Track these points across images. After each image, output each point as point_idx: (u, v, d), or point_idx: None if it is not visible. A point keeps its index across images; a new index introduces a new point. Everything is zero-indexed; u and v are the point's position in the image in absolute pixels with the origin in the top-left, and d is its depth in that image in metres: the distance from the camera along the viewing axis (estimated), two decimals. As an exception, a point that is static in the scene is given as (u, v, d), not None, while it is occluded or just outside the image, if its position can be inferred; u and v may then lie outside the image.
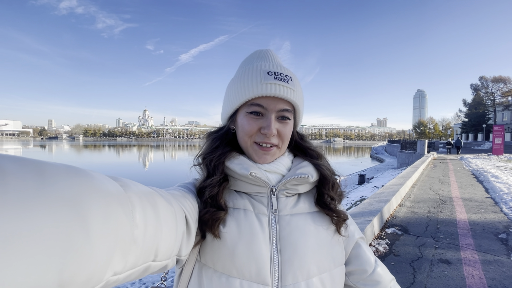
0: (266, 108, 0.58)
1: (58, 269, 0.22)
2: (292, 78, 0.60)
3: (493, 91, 51.97)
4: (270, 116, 0.58)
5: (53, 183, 0.24)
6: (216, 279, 0.53)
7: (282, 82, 0.57)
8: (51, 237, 0.22)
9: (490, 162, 13.38)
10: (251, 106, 0.58)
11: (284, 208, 0.59)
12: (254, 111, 0.58)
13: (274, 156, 0.61)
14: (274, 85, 0.57)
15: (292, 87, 0.59)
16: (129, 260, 0.31)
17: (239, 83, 0.59)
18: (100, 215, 0.26)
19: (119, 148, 77.34)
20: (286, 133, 0.60)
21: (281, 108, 0.58)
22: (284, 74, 0.59)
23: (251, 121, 0.58)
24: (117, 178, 0.34)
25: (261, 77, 0.57)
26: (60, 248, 0.22)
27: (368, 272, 0.64)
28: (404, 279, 2.70)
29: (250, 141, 0.59)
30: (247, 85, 0.58)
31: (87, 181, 0.27)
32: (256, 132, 0.59)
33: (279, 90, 0.57)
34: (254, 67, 0.60)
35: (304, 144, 0.69)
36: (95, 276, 0.26)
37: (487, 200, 5.90)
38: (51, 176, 0.24)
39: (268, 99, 0.57)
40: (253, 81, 0.57)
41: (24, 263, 0.20)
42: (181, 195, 0.51)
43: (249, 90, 0.57)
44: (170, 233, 0.39)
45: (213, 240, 0.55)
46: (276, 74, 0.58)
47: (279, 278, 0.53)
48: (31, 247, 0.20)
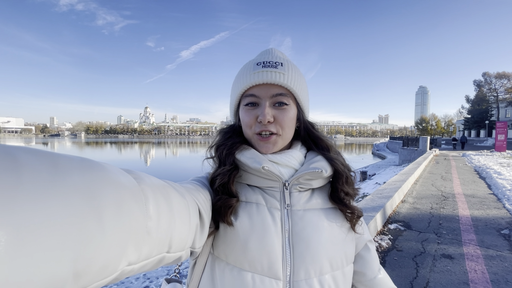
0: (259, 96, 0.58)
1: (72, 258, 0.22)
2: (284, 64, 0.60)
3: (496, 87, 51.56)
4: (264, 103, 0.58)
5: (67, 174, 0.24)
6: (228, 272, 0.54)
7: (270, 68, 0.58)
8: (65, 228, 0.22)
9: (493, 158, 13.30)
10: (246, 97, 0.60)
11: (297, 203, 0.58)
12: (249, 102, 0.59)
13: (276, 145, 0.60)
14: (262, 73, 0.58)
15: (282, 71, 0.59)
16: (143, 251, 0.32)
17: (236, 79, 0.63)
18: (113, 206, 0.27)
19: (121, 145, 77.52)
20: (284, 119, 0.59)
21: (274, 93, 0.58)
22: (274, 61, 0.59)
23: (247, 112, 0.60)
24: (130, 171, 0.35)
25: (251, 68, 0.59)
26: (74, 238, 0.22)
27: (368, 276, 0.65)
28: (407, 273, 2.72)
29: (251, 132, 0.60)
30: (241, 79, 0.60)
31: (101, 173, 0.28)
32: (254, 122, 0.59)
33: (266, 76, 0.57)
34: (249, 63, 0.62)
35: (316, 133, 0.67)
36: (110, 266, 0.27)
37: (490, 196, 5.89)
38: (65, 168, 0.24)
39: (259, 88, 0.58)
40: (245, 74, 0.60)
41: (38, 253, 0.20)
42: (194, 188, 0.51)
43: (242, 82, 0.60)
44: (183, 225, 0.40)
45: (226, 233, 0.55)
46: (265, 63, 0.59)
47: (291, 273, 0.53)
48: (46, 237, 0.21)
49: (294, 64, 0.62)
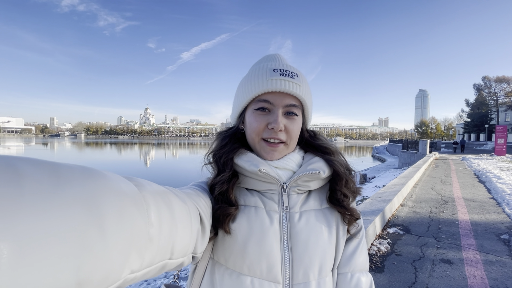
0: (273, 103, 0.58)
1: (74, 268, 0.22)
2: (298, 75, 0.60)
3: (496, 91, 51.60)
4: (277, 111, 0.58)
5: (68, 184, 0.24)
6: (228, 276, 0.54)
7: (288, 77, 0.58)
8: (67, 238, 0.22)
9: (493, 162, 13.31)
10: (258, 102, 0.59)
11: (296, 205, 0.58)
12: (261, 107, 0.59)
13: (281, 153, 0.61)
14: (279, 81, 0.58)
15: (299, 82, 0.59)
16: (145, 259, 0.32)
17: (247, 82, 0.61)
18: (115, 215, 0.27)
19: (121, 146, 77.44)
20: (293, 129, 0.60)
21: (288, 104, 0.59)
22: (290, 71, 0.60)
23: (258, 117, 0.59)
24: (131, 178, 0.35)
25: (267, 74, 0.59)
26: (76, 248, 0.23)
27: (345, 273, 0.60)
28: (406, 278, 2.70)
29: (258, 138, 0.60)
30: (254, 83, 0.60)
31: (102, 182, 0.28)
32: (264, 128, 0.59)
33: (284, 85, 0.58)
34: (261, 67, 0.61)
35: (316, 142, 0.67)
36: (113, 275, 0.26)
37: (489, 201, 5.88)
38: (66, 177, 0.24)
39: (274, 95, 0.58)
40: (260, 78, 0.59)
41: (40, 264, 0.20)
42: (195, 193, 0.51)
43: (256, 86, 0.59)
44: (185, 231, 0.40)
45: (225, 237, 0.55)
46: (282, 71, 0.59)
47: (290, 276, 0.53)
48: (47, 247, 0.21)
49: (304, 76, 0.63)
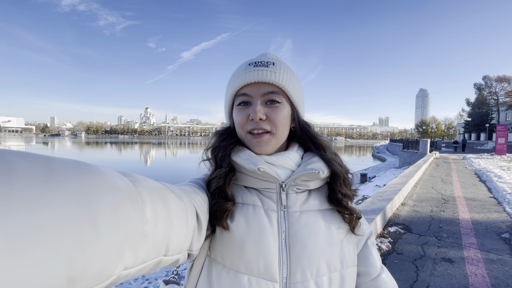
0: (251, 95, 0.59)
1: (67, 264, 0.22)
2: (275, 63, 0.60)
3: (497, 90, 51.65)
4: (256, 101, 0.58)
5: (61, 179, 0.23)
6: (225, 274, 0.53)
7: (261, 67, 0.59)
8: (60, 234, 0.21)
9: (493, 162, 13.30)
10: (238, 97, 0.60)
11: (294, 205, 0.58)
12: (241, 102, 0.60)
13: (269, 144, 0.60)
14: (253, 72, 0.58)
15: (273, 69, 0.59)
16: (140, 255, 0.31)
17: (229, 81, 0.63)
18: (109, 210, 0.26)
19: (121, 146, 77.55)
20: (276, 117, 0.59)
21: (265, 92, 0.58)
22: (265, 61, 0.60)
23: (240, 111, 0.60)
24: (127, 174, 0.35)
25: (243, 69, 0.60)
26: (69, 244, 0.22)
27: (372, 275, 0.63)
28: (407, 277, 2.71)
29: (244, 131, 0.60)
30: (233, 80, 0.61)
31: (96, 176, 0.27)
32: (246, 120, 0.59)
33: (257, 75, 0.58)
34: (241, 65, 0.63)
35: (311, 131, 0.66)
36: (106, 271, 0.26)
37: (490, 200, 5.89)
38: (59, 172, 0.24)
39: (251, 86, 0.59)
40: (237, 75, 0.61)
41: (32, 259, 0.20)
42: (191, 190, 0.51)
43: (234, 83, 0.60)
44: (180, 228, 0.39)
45: (222, 235, 0.55)
46: (257, 63, 0.60)
47: (287, 275, 0.53)
48: (39, 244, 0.20)
49: (287, 64, 0.63)
